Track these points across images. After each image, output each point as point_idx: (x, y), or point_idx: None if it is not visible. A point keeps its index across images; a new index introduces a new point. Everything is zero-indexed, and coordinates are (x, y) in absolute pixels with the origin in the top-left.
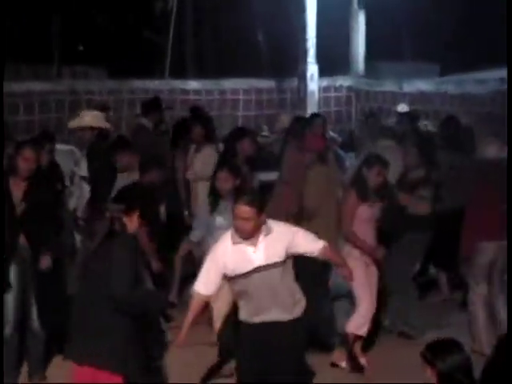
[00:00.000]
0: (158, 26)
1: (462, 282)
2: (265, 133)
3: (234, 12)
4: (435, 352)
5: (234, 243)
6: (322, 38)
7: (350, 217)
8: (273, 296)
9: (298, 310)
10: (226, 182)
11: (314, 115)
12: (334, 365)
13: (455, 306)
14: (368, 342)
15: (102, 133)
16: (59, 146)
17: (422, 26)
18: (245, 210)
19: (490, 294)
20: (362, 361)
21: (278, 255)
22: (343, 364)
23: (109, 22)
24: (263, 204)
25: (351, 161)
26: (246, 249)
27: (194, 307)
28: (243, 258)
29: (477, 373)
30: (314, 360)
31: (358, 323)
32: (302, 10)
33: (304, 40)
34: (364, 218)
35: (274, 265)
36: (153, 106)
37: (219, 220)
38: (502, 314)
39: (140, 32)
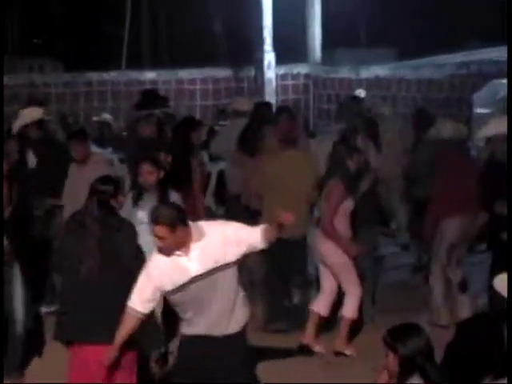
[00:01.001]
0: (113, 17)
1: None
2: (222, 122)
3: (190, 2)
4: (396, 336)
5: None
6: (279, 26)
7: (334, 210)
8: (207, 308)
9: (234, 326)
10: (149, 175)
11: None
12: (338, 353)
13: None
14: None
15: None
16: None
17: (378, 11)
18: (158, 229)
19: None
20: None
21: (214, 260)
22: (348, 351)
23: (64, 14)
24: (180, 217)
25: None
26: (179, 259)
27: (129, 324)
28: (178, 270)
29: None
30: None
31: (353, 307)
32: None
33: (260, 28)
34: (345, 211)
35: (212, 271)
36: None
37: (141, 215)
38: (456, 290)
39: (96, 24)
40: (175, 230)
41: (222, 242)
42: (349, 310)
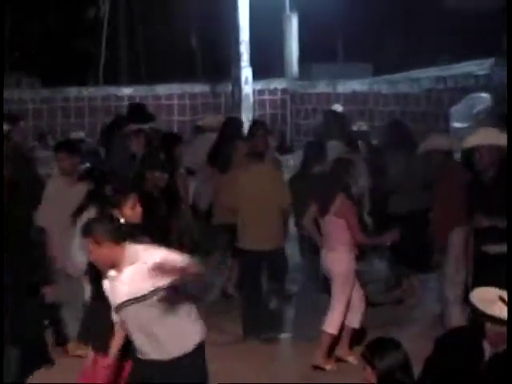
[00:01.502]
0: (90, 33)
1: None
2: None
3: (167, 18)
4: (374, 351)
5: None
6: (256, 42)
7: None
8: (149, 331)
9: (173, 351)
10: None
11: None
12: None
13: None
14: None
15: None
16: None
17: (354, 27)
18: (85, 241)
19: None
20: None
21: (145, 287)
22: (351, 359)
23: (41, 29)
24: (113, 234)
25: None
26: (114, 280)
27: (116, 336)
28: (113, 291)
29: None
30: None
31: (334, 322)
32: (234, 14)
33: (237, 44)
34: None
35: (146, 296)
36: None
37: None
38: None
39: (73, 40)
40: (101, 246)
41: (152, 267)
42: (329, 325)
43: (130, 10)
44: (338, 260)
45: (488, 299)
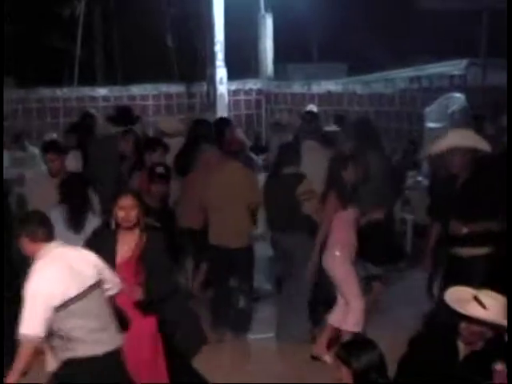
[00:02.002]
0: (65, 33)
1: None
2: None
3: (142, 18)
4: (350, 350)
5: None
6: (231, 42)
7: (329, 221)
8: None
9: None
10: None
11: (222, 119)
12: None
13: None
14: None
15: None
16: None
17: (329, 27)
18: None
19: None
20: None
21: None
22: (327, 358)
23: (15, 29)
24: (27, 230)
25: (263, 163)
26: None
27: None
28: None
29: None
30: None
31: (355, 320)
32: (209, 13)
33: (212, 44)
34: (349, 221)
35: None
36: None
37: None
38: None
39: (48, 40)
40: (19, 240)
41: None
42: (350, 324)
43: (106, 10)
44: (331, 261)
45: (462, 299)
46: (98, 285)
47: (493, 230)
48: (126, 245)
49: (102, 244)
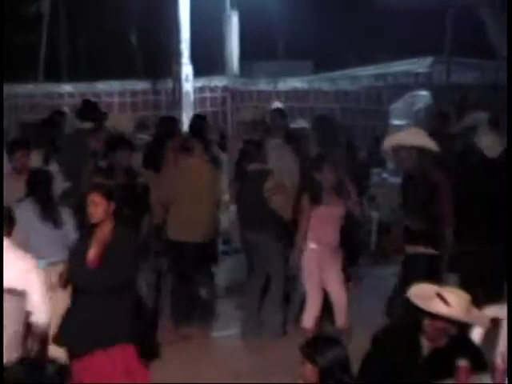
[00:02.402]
0: (30, 30)
1: None
2: (141, 135)
3: (108, 14)
4: (315, 347)
5: None
6: (197, 39)
7: (305, 219)
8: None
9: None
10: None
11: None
12: None
13: None
14: None
15: None
16: None
17: (295, 25)
18: None
19: None
20: None
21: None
22: None
23: None
24: None
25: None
26: None
27: None
28: None
29: None
30: None
31: (308, 317)
32: (175, 11)
33: (178, 41)
34: (332, 219)
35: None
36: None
37: None
38: None
39: (13, 35)
40: None
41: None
42: (304, 320)
43: (71, 7)
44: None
45: (425, 295)
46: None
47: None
48: (96, 241)
49: (78, 241)
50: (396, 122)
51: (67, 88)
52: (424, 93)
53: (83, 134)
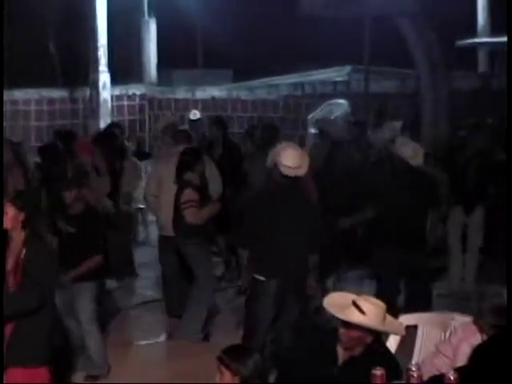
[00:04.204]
0: None
1: None
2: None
3: (25, 21)
4: (235, 355)
5: None
6: (114, 46)
7: None
8: None
9: None
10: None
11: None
12: None
13: None
14: None
15: None
16: None
17: (215, 32)
18: None
19: None
20: None
21: None
22: None
23: None
24: None
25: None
26: None
27: None
28: None
29: None
30: None
31: None
32: (92, 16)
33: (95, 48)
34: None
35: None
36: None
37: None
38: None
39: None
40: None
41: None
42: None
43: None
44: None
45: (340, 304)
46: None
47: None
48: (11, 252)
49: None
50: (314, 130)
51: None
52: (341, 101)
53: None
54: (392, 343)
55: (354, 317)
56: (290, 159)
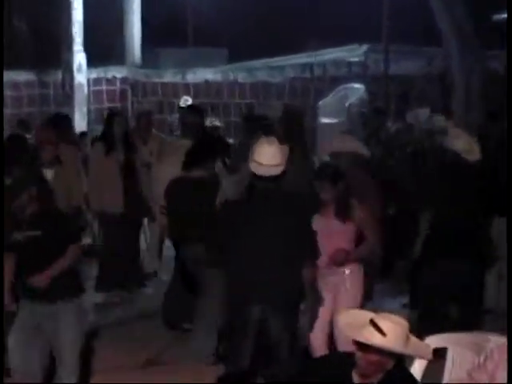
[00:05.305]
0: None
1: None
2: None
3: None
4: None
5: None
6: (91, 22)
7: None
8: None
9: None
10: None
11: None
12: None
13: None
14: None
15: None
16: None
17: (207, 7)
18: None
19: None
20: None
21: None
22: None
23: None
24: None
25: None
26: None
27: None
28: None
29: None
30: None
31: None
32: None
33: (69, 24)
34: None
35: None
36: None
37: None
38: None
39: None
40: None
41: None
42: None
43: None
44: None
45: (356, 323)
46: None
47: None
48: None
49: None
50: (325, 120)
51: None
52: (357, 85)
53: None
54: (417, 369)
55: (373, 338)
56: (262, 154)
